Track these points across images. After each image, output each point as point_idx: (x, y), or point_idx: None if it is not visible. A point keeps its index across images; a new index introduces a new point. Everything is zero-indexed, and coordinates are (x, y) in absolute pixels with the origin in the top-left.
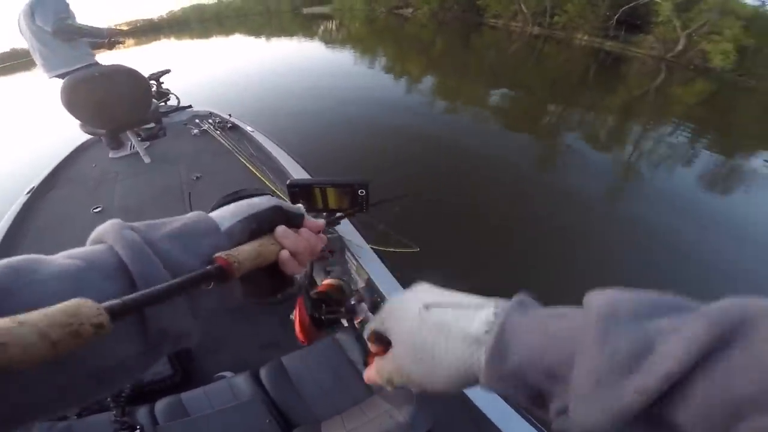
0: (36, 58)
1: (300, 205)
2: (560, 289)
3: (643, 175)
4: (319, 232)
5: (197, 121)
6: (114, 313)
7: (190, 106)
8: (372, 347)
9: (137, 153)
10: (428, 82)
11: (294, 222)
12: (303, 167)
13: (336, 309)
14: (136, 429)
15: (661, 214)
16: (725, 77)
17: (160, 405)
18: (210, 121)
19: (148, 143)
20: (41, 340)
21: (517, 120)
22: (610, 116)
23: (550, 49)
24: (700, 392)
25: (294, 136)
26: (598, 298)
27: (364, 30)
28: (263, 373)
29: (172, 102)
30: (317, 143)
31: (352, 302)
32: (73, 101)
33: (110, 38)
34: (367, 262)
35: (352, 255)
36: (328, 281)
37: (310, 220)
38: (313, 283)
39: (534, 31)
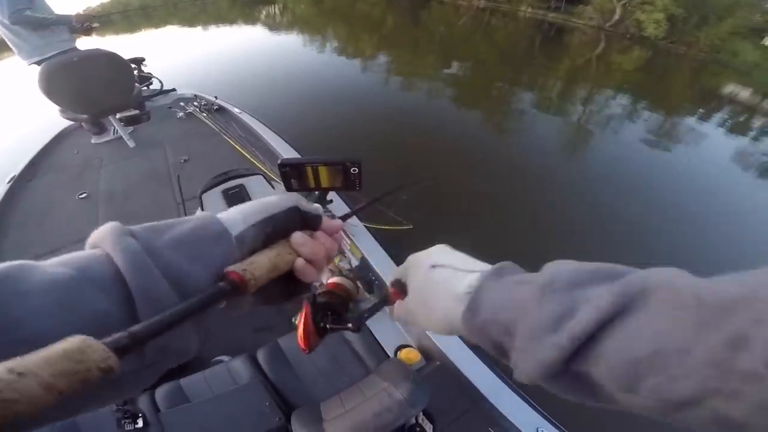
0: (10, 46)
1: (317, 204)
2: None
3: (590, 136)
4: (336, 233)
5: (182, 104)
6: (122, 351)
7: (173, 90)
8: (392, 290)
9: (121, 138)
10: (382, 59)
11: (311, 224)
12: (292, 147)
13: (341, 319)
14: (139, 417)
15: (610, 173)
16: (658, 45)
17: (161, 392)
18: (195, 103)
19: (132, 128)
20: (47, 393)
21: (470, 92)
22: (557, 84)
23: (497, 22)
24: (604, 352)
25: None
26: (546, 269)
27: (312, 11)
28: (261, 355)
29: (155, 86)
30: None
31: (360, 306)
32: (51, 87)
33: (81, 24)
34: (362, 241)
35: (346, 233)
36: (334, 280)
37: (327, 221)
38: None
39: (480, 4)
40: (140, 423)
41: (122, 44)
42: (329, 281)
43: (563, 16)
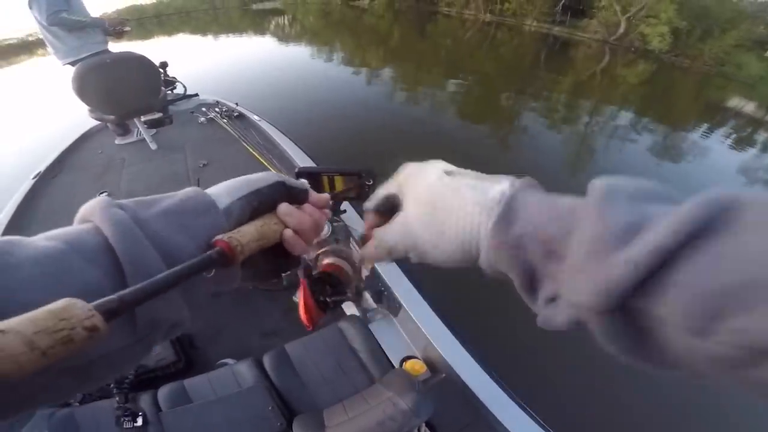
0: (47, 45)
1: (304, 180)
2: None
3: (595, 150)
4: (323, 207)
5: (204, 109)
6: (109, 313)
7: (196, 95)
8: (372, 220)
9: (143, 140)
10: (388, 71)
11: (298, 198)
12: (309, 155)
13: (342, 290)
14: (139, 415)
15: None
16: (663, 58)
17: (163, 391)
18: (217, 109)
19: (154, 130)
20: (29, 350)
21: (475, 105)
22: (562, 98)
23: (503, 36)
24: (681, 279)
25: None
26: (600, 182)
27: (319, 24)
28: (267, 360)
29: (179, 90)
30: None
31: (359, 282)
32: (83, 88)
33: (114, 27)
34: None
35: (357, 244)
36: (329, 261)
37: (314, 194)
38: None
39: (486, 18)
40: (140, 421)
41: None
42: (324, 262)
43: (568, 30)
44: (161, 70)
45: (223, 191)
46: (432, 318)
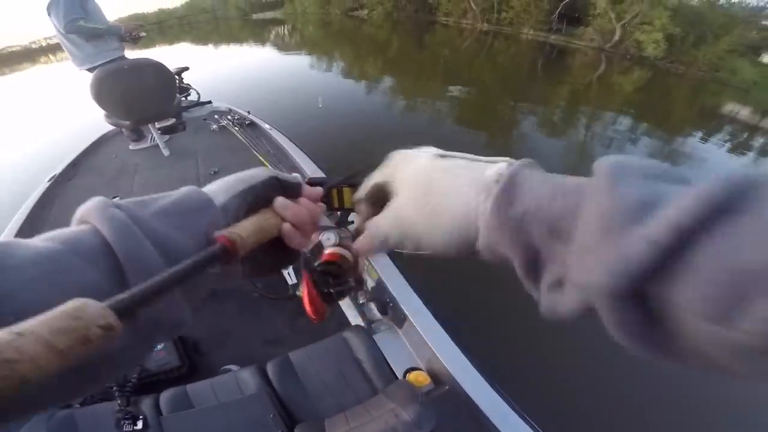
0: (66, 52)
1: (296, 174)
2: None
3: (594, 156)
4: (318, 200)
5: (216, 116)
6: (121, 310)
7: (209, 102)
8: (364, 213)
9: (157, 146)
10: (387, 81)
11: (291, 192)
12: (318, 166)
13: (344, 280)
14: (139, 419)
15: None
16: (658, 65)
17: (165, 395)
18: (229, 117)
19: (168, 137)
20: (47, 351)
21: (473, 113)
22: (559, 105)
23: (500, 45)
24: (704, 258)
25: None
26: (608, 159)
27: (319, 33)
28: (270, 367)
29: (193, 97)
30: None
31: (359, 271)
32: (101, 93)
33: (130, 34)
34: (379, 262)
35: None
36: (330, 251)
37: (308, 188)
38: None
39: (483, 27)
40: (140, 425)
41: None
42: (325, 252)
43: (565, 38)
44: (177, 76)
45: (219, 189)
46: (437, 330)
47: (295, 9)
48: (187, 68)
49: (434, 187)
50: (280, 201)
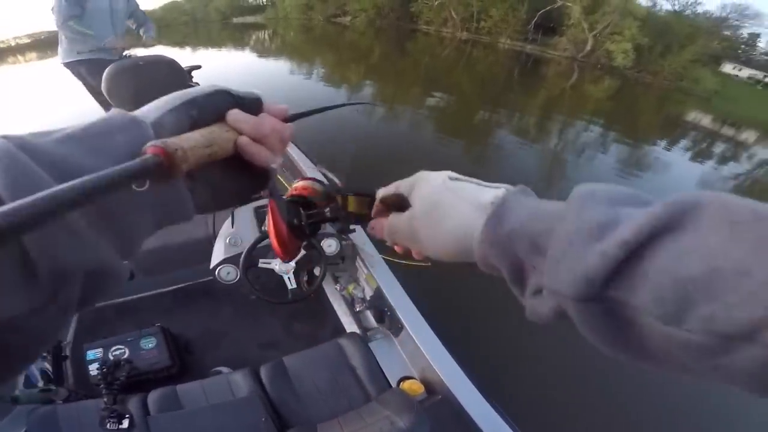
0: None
1: (256, 90)
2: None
3: (567, 162)
4: (283, 118)
5: None
6: None
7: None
8: (378, 208)
9: None
10: (369, 87)
11: (249, 108)
12: (324, 174)
13: (319, 211)
14: (125, 417)
15: None
16: (627, 74)
17: (154, 395)
18: None
19: None
20: None
21: (451, 121)
22: (534, 113)
23: (478, 53)
24: (651, 270)
25: None
26: (581, 187)
27: (300, 38)
28: (264, 371)
29: None
30: None
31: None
32: (113, 88)
33: (117, 50)
34: (378, 272)
35: (364, 263)
36: (301, 183)
37: (270, 105)
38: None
39: (463, 36)
40: (125, 424)
41: None
42: (295, 186)
43: (540, 48)
44: (189, 74)
45: (151, 107)
46: (432, 340)
47: (276, 14)
48: (199, 66)
49: (441, 205)
50: (234, 113)
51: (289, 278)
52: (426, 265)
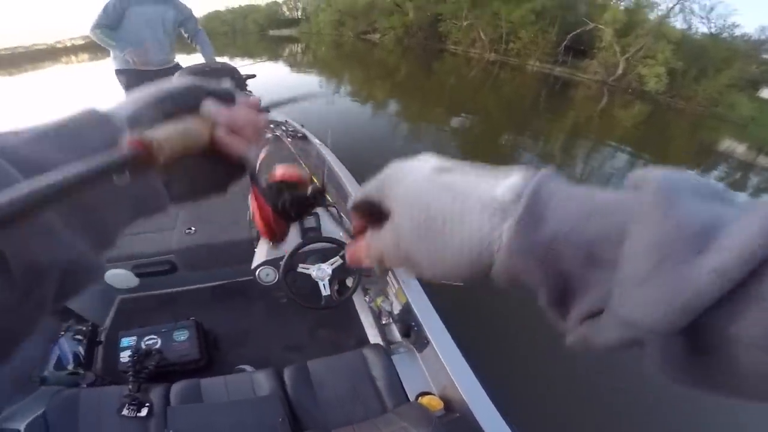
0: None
1: (228, 79)
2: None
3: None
4: (256, 108)
5: (272, 126)
6: None
7: (268, 110)
8: (356, 221)
9: None
10: (394, 105)
11: (224, 102)
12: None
13: (302, 193)
14: (145, 406)
15: None
16: (659, 99)
17: (177, 387)
18: (284, 127)
19: None
20: None
21: (477, 142)
22: (561, 137)
23: (506, 75)
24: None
25: None
26: (652, 173)
27: (331, 54)
28: (287, 373)
29: None
30: None
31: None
32: None
33: (133, 60)
34: (408, 287)
35: (395, 277)
36: (283, 168)
37: (244, 97)
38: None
39: (491, 57)
40: (144, 412)
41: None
42: (276, 171)
43: (569, 70)
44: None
45: (124, 104)
46: (457, 358)
47: (310, 28)
48: (254, 75)
49: (435, 211)
50: (208, 104)
51: (324, 285)
52: (458, 283)
